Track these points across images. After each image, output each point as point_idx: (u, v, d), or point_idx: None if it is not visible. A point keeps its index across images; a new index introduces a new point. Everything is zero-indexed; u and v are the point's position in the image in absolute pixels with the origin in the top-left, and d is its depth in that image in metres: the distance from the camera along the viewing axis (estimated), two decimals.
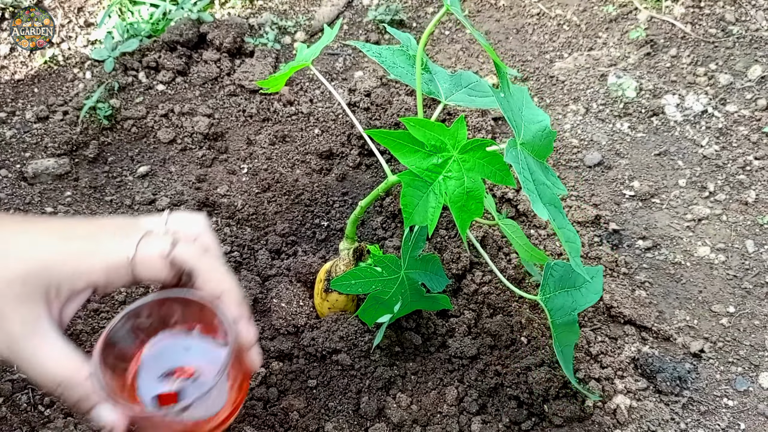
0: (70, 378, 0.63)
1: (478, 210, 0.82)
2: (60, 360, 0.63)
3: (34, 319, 0.63)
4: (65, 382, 0.63)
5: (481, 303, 1.27)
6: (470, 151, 0.81)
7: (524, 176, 0.78)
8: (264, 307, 1.24)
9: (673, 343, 1.24)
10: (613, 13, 1.87)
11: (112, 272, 0.65)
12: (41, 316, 0.63)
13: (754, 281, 1.34)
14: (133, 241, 0.67)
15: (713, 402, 1.17)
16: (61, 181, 1.41)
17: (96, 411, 0.64)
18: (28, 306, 0.63)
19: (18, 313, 0.62)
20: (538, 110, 0.92)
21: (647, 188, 1.50)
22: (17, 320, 0.62)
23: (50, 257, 0.64)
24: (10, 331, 0.62)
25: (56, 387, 0.63)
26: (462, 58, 1.79)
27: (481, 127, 1.56)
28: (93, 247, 0.66)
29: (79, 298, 0.67)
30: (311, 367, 1.16)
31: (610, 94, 1.70)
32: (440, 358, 1.18)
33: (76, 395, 0.63)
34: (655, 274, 1.36)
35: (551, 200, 0.84)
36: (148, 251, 0.67)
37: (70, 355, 0.64)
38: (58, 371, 0.63)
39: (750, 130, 1.59)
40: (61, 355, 0.64)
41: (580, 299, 1.01)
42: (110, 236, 0.68)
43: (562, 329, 0.99)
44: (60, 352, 0.64)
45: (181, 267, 0.68)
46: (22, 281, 0.62)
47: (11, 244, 0.65)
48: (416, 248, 1.05)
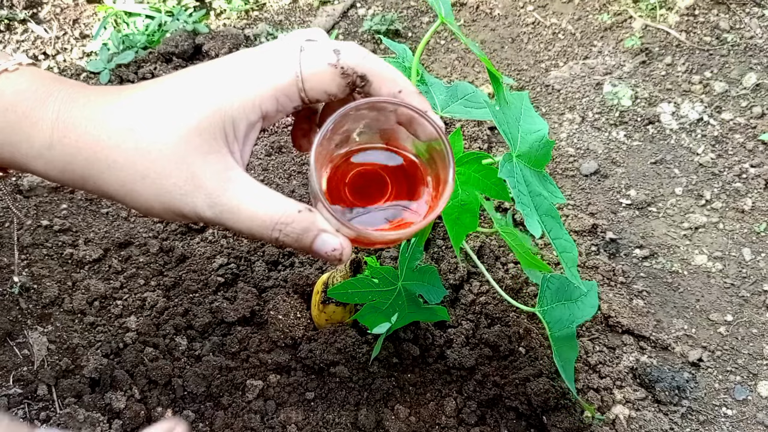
0: (285, 216, 0.59)
1: (472, 224, 0.82)
2: (267, 202, 0.59)
3: (224, 168, 0.59)
4: (282, 222, 0.59)
5: (478, 313, 1.27)
6: (466, 164, 0.81)
7: (519, 190, 0.78)
8: (261, 319, 1.23)
9: (671, 353, 1.24)
10: (608, 22, 1.88)
11: (282, 95, 0.60)
12: (229, 164, 0.59)
13: (751, 289, 1.34)
14: (295, 57, 0.61)
15: (712, 411, 1.17)
16: (57, 194, 1.40)
17: (320, 240, 0.60)
18: (213, 156, 0.59)
19: (206, 169, 0.58)
20: (537, 118, 0.91)
21: (644, 197, 1.50)
22: (208, 175, 0.58)
23: (215, 98, 0.59)
24: (207, 190, 0.58)
25: (272, 231, 0.59)
26: (458, 67, 1.79)
27: (477, 136, 1.57)
28: (254, 75, 0.60)
29: (253, 134, 0.62)
30: (309, 379, 1.15)
31: (605, 103, 1.70)
32: (438, 369, 1.18)
33: (296, 232, 0.59)
34: (652, 283, 1.35)
35: (548, 211, 0.84)
36: (315, 63, 0.60)
37: (274, 195, 0.60)
38: (269, 214, 0.59)
39: (746, 138, 1.60)
40: (266, 198, 0.59)
41: (577, 312, 1.01)
42: (268, 60, 0.61)
43: (562, 343, 0.99)
44: (263, 194, 0.60)
45: (353, 72, 0.62)
46: (197, 132, 0.58)
47: (168, 100, 0.60)
48: (413, 259, 1.05)
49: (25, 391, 1.11)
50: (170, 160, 0.58)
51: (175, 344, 1.19)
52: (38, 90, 0.61)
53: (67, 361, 1.15)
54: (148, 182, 0.59)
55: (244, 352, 1.19)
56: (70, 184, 0.62)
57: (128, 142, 0.59)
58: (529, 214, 0.78)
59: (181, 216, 0.61)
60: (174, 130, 0.58)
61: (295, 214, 0.59)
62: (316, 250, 0.60)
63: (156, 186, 0.59)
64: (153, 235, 1.35)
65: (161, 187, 0.58)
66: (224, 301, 1.24)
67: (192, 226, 1.37)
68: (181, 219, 0.61)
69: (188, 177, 0.58)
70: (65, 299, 1.23)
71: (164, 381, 1.13)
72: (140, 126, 0.59)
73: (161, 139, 0.58)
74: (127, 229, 1.36)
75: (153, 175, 0.58)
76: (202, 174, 0.58)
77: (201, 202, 0.59)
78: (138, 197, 0.60)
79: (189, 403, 1.12)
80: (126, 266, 1.31)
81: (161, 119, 0.59)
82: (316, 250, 0.60)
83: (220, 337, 1.21)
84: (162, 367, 1.13)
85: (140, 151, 0.58)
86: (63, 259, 1.29)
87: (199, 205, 0.59)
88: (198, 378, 1.13)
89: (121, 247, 1.33)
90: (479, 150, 1.54)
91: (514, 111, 0.88)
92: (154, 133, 0.59)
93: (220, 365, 1.15)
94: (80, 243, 1.32)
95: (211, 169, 0.58)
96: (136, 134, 0.59)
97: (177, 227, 1.36)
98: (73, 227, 1.35)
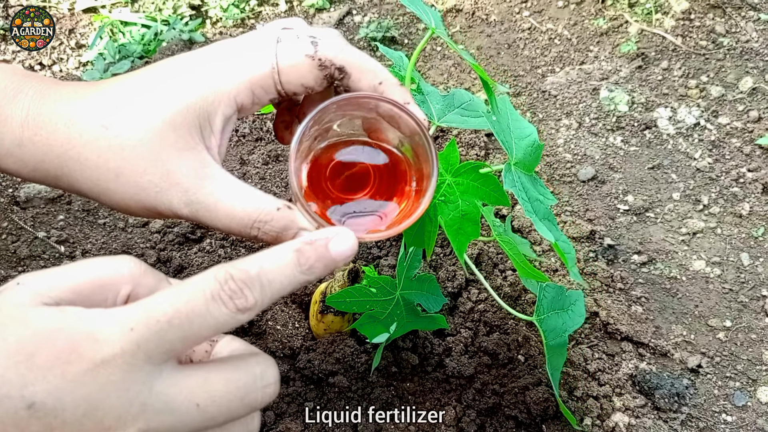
0: (263, 214, 0.58)
1: (474, 232, 0.81)
2: (245, 199, 0.59)
3: (200, 165, 0.58)
4: (260, 219, 0.58)
5: (477, 321, 1.26)
6: (463, 174, 0.81)
7: (522, 198, 0.78)
8: (259, 329, 1.23)
9: (670, 359, 1.24)
10: (603, 27, 1.88)
11: (258, 87, 0.60)
12: (205, 160, 0.59)
13: (749, 294, 1.34)
14: (271, 49, 0.60)
15: (712, 418, 1.17)
16: (54, 205, 1.40)
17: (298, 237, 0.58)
18: (188, 153, 0.58)
19: (182, 165, 0.57)
20: (523, 122, 0.92)
21: (641, 202, 1.50)
22: (184, 172, 0.58)
23: (189, 92, 0.58)
24: (183, 187, 0.57)
25: (251, 229, 0.58)
26: (454, 74, 1.80)
27: (474, 143, 1.56)
28: (230, 67, 0.60)
29: (229, 126, 0.62)
30: (308, 389, 1.15)
31: (602, 108, 1.70)
32: (437, 378, 1.18)
33: (275, 230, 0.59)
34: (651, 289, 1.35)
35: (546, 214, 0.84)
36: (292, 55, 0.60)
37: (252, 192, 0.59)
38: (248, 212, 0.58)
39: (743, 142, 1.60)
40: (244, 195, 0.59)
41: (569, 321, 1.01)
42: (244, 51, 0.61)
43: (554, 351, 0.99)
44: (241, 191, 0.59)
45: (332, 65, 0.61)
46: (171, 128, 0.57)
47: (141, 95, 0.59)
48: (412, 269, 1.05)
49: None
50: (144, 158, 0.57)
51: None
52: (8, 87, 0.61)
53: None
54: (122, 180, 0.58)
55: None
56: (44, 182, 0.61)
57: (101, 140, 0.58)
58: (537, 221, 0.78)
59: (156, 213, 0.60)
60: (148, 126, 0.57)
61: (274, 212, 0.59)
62: None
63: (130, 184, 0.58)
64: (150, 245, 1.35)
65: (136, 184, 0.58)
66: None
67: (189, 236, 1.36)
68: (157, 216, 0.61)
69: (163, 174, 0.58)
70: None
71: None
72: (112, 123, 0.58)
73: (135, 135, 0.57)
74: (124, 240, 1.35)
75: (127, 173, 0.58)
76: (178, 171, 0.58)
77: (177, 199, 0.58)
78: (113, 195, 0.59)
79: None
80: None
81: (134, 115, 0.58)
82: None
83: None
84: None
85: (113, 149, 0.58)
86: None
87: (175, 202, 0.58)
88: None
89: None
90: (476, 157, 1.54)
91: (503, 118, 0.88)
92: (127, 130, 0.58)
93: None
94: (78, 254, 1.32)
95: (186, 166, 0.58)
96: (108, 131, 0.58)
97: (174, 237, 1.35)
98: (71, 238, 1.35)
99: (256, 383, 0.52)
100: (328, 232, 0.54)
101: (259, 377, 0.52)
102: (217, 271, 0.50)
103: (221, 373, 0.51)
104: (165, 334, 0.47)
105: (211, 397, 0.49)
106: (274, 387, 0.53)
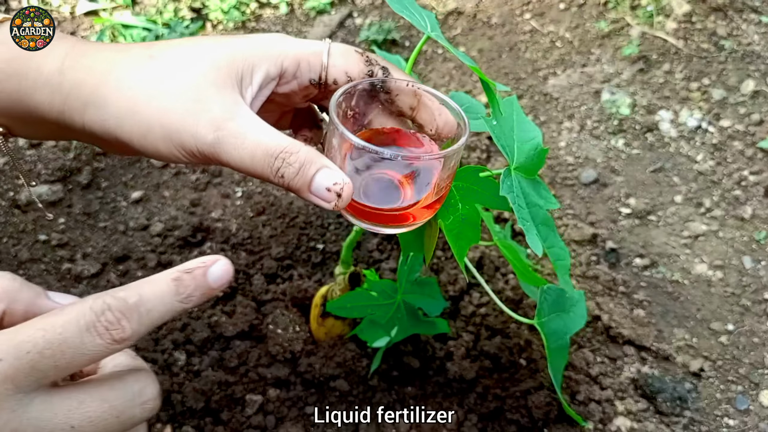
0: (291, 146, 0.59)
1: (475, 237, 0.81)
2: (274, 133, 0.60)
3: (234, 101, 0.61)
4: (287, 150, 0.59)
5: (479, 325, 1.26)
6: (464, 177, 0.80)
7: (519, 205, 0.77)
8: (260, 333, 1.23)
9: (672, 363, 1.23)
10: (605, 30, 1.88)
11: (305, 60, 0.64)
12: (239, 100, 0.61)
13: (752, 298, 1.33)
14: (325, 42, 0.65)
15: (714, 422, 1.16)
16: (55, 208, 1.40)
17: (321, 173, 0.59)
18: (225, 90, 0.60)
19: (216, 97, 0.60)
20: (529, 124, 0.91)
21: (643, 205, 1.50)
22: (217, 101, 0.60)
23: (239, 44, 0.62)
24: (213, 114, 0.59)
25: (276, 159, 0.59)
26: (455, 76, 1.79)
27: (475, 146, 1.56)
28: (284, 39, 0.64)
29: (266, 90, 0.65)
30: (309, 393, 1.15)
31: (604, 111, 1.70)
32: (439, 382, 1.17)
33: (299, 161, 0.59)
34: (653, 292, 1.35)
35: (544, 220, 0.83)
36: (343, 47, 0.65)
37: (277, 131, 0.61)
38: (276, 141, 0.59)
39: (745, 145, 1.59)
40: (272, 131, 0.61)
41: (570, 323, 1.00)
42: (297, 38, 0.66)
43: (556, 354, 0.99)
44: (269, 128, 0.61)
45: (377, 63, 0.66)
46: (215, 67, 0.60)
47: (193, 41, 0.63)
48: (413, 272, 1.05)
49: None
50: (180, 85, 0.60)
51: (174, 359, 1.18)
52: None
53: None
54: (154, 104, 0.59)
55: (243, 367, 1.18)
56: (68, 115, 0.62)
57: (144, 67, 0.61)
58: (530, 230, 0.78)
59: (179, 144, 0.60)
60: (191, 60, 0.60)
61: (302, 145, 0.60)
62: (315, 186, 0.59)
63: (161, 108, 0.59)
64: (151, 248, 1.34)
65: (165, 108, 0.59)
66: (223, 315, 1.24)
67: (190, 240, 1.36)
68: (177, 150, 0.61)
69: (196, 99, 0.59)
70: None
71: (163, 397, 1.12)
72: (159, 55, 0.62)
73: (178, 66, 0.61)
74: (125, 243, 1.35)
75: (160, 97, 0.59)
76: (211, 100, 0.60)
77: (205, 122, 0.59)
78: (138, 121, 0.60)
79: (188, 419, 1.11)
80: (124, 280, 1.30)
81: (181, 52, 0.62)
82: (316, 185, 0.59)
83: (219, 351, 1.20)
84: (160, 383, 1.12)
85: (154, 74, 0.60)
86: (61, 274, 1.29)
87: (202, 127, 0.59)
88: (197, 393, 1.12)
89: (119, 261, 1.33)
90: (478, 159, 1.54)
91: (508, 121, 0.87)
92: (172, 61, 0.61)
93: (219, 380, 1.14)
94: (78, 257, 1.32)
95: (221, 97, 0.60)
96: (153, 61, 0.61)
97: (175, 241, 1.35)
98: (71, 242, 1.35)
99: (133, 401, 0.52)
100: (205, 259, 0.55)
101: (137, 394, 0.53)
102: (94, 301, 0.50)
103: (97, 394, 0.51)
104: (36, 365, 0.47)
105: (87, 417, 0.50)
106: (153, 403, 0.54)
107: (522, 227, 0.77)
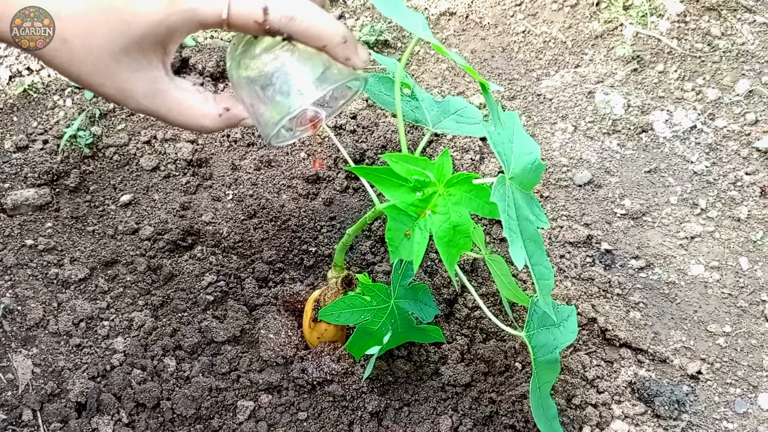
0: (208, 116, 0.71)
1: (465, 245, 0.79)
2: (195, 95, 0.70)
3: (152, 82, 0.68)
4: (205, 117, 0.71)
5: (473, 328, 1.25)
6: (456, 184, 0.79)
7: (508, 215, 0.76)
8: (251, 338, 1.21)
9: (670, 365, 1.22)
10: (598, 30, 1.86)
11: (209, 27, 0.67)
12: (156, 77, 0.68)
13: (749, 299, 1.32)
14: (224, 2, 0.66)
15: (713, 425, 1.15)
16: (42, 212, 1.38)
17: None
18: (140, 73, 0.66)
19: (135, 82, 0.67)
20: (528, 140, 0.89)
21: (638, 206, 1.48)
22: (138, 87, 0.67)
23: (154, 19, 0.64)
24: (136, 100, 0.68)
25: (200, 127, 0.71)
26: (448, 77, 1.78)
27: (468, 147, 1.55)
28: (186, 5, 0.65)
29: (173, 52, 0.70)
30: (301, 398, 1.13)
31: (598, 112, 1.68)
32: (433, 386, 1.16)
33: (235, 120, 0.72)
34: (649, 294, 1.34)
35: (533, 236, 0.82)
36: (240, 17, 0.65)
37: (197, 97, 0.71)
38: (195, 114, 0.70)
39: (740, 145, 1.58)
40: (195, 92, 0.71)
41: (560, 337, 0.98)
42: None
43: (543, 367, 0.97)
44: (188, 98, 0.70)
45: (278, 31, 0.67)
46: (125, 52, 0.64)
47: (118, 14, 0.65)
48: (406, 277, 1.03)
49: (9, 417, 1.08)
50: (101, 74, 0.65)
51: (164, 366, 1.16)
52: None
53: (53, 384, 1.12)
54: (86, 85, 0.67)
55: (235, 373, 1.16)
56: None
57: (62, 53, 0.64)
58: (515, 241, 0.76)
59: None
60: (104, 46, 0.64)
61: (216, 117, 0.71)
62: None
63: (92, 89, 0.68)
64: (140, 252, 1.32)
65: (96, 91, 0.68)
66: (213, 320, 1.22)
67: (180, 243, 1.34)
68: None
69: (119, 89, 0.67)
70: (50, 321, 1.20)
71: (152, 404, 1.10)
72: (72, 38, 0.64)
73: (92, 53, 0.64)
74: (113, 247, 1.33)
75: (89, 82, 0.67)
76: (132, 87, 0.67)
77: (134, 105, 0.69)
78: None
79: (178, 426, 1.09)
80: (113, 285, 1.28)
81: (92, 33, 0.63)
82: None
83: (210, 357, 1.18)
84: (150, 390, 1.11)
85: (74, 61, 0.65)
86: (48, 279, 1.27)
87: (133, 107, 0.69)
88: (187, 400, 1.10)
89: (107, 265, 1.31)
90: (471, 161, 1.52)
91: (507, 131, 0.86)
92: (84, 48, 0.64)
93: (209, 386, 1.12)
94: (65, 262, 1.30)
95: (140, 82, 0.67)
96: (67, 45, 0.64)
97: (165, 245, 1.33)
98: (58, 246, 1.32)
99: None
100: None
101: None
102: None
103: None
104: None
105: None
106: None
107: (507, 237, 0.75)
